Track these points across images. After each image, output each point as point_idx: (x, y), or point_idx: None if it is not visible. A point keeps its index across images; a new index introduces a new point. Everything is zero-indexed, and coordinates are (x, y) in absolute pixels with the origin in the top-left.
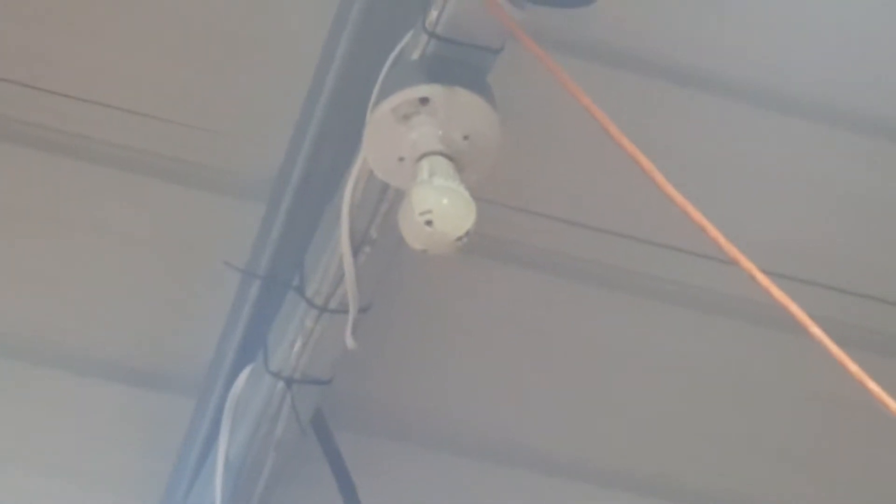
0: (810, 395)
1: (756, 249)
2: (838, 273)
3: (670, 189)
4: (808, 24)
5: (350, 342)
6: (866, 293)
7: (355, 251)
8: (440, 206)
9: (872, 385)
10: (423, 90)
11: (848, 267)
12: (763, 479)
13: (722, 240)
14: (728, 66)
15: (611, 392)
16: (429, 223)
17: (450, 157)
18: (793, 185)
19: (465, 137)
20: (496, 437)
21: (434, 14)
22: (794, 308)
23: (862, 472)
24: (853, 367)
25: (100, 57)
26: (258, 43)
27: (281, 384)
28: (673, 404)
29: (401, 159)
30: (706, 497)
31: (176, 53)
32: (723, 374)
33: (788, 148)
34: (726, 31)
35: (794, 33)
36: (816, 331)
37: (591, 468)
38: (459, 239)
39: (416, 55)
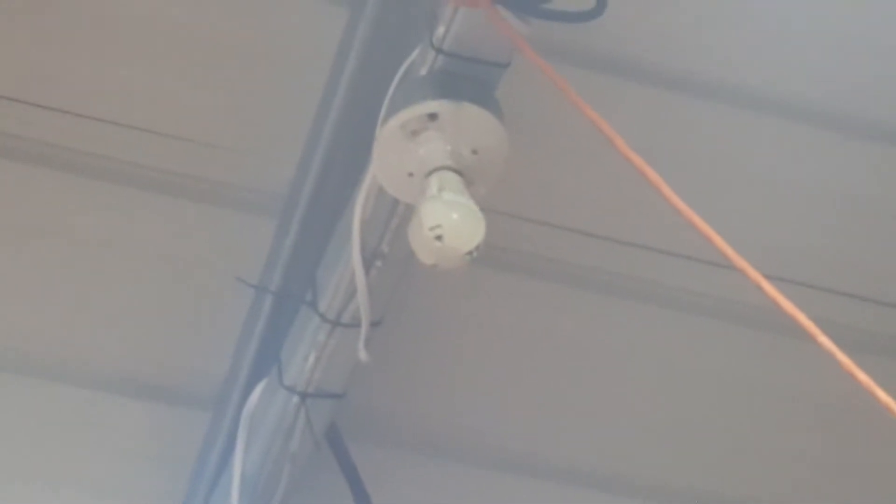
0: (817, 401)
1: (762, 254)
2: (844, 277)
3: (676, 199)
4: (814, 31)
5: (363, 355)
6: (873, 297)
7: (367, 266)
8: (450, 221)
9: (881, 394)
10: (432, 106)
11: (854, 271)
12: (771, 487)
13: (729, 250)
14: (732, 75)
15: (623, 400)
16: (439, 238)
17: (458, 172)
18: (798, 191)
19: (474, 152)
20: (510, 448)
21: (441, 30)
22: (802, 317)
23: (869, 479)
24: (862, 377)
25: (113, 76)
26: (268, 60)
27: (295, 398)
28: (681, 412)
29: (410, 175)
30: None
31: (187, 71)
32: (731, 381)
33: (793, 155)
34: (729, 42)
35: (798, 41)
36: (824, 340)
37: (605, 477)
38: (469, 253)
39: (423, 71)
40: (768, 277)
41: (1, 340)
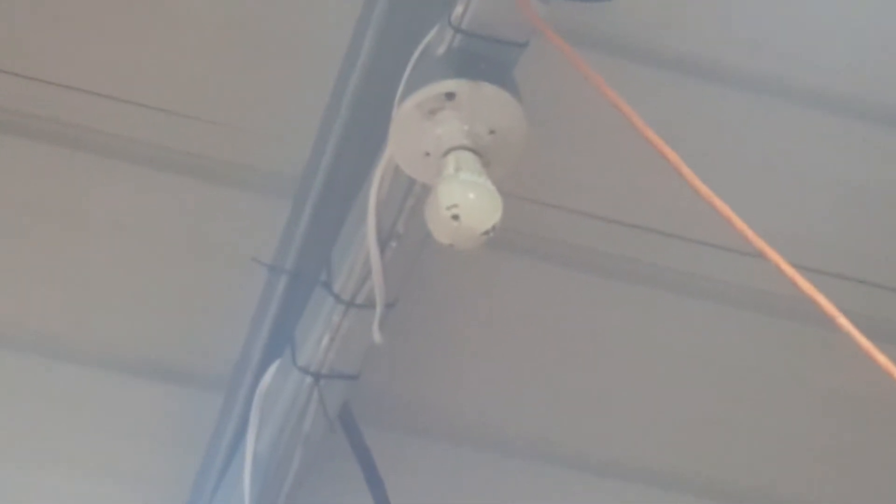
0: (836, 388)
1: (781, 242)
2: (862, 265)
3: (697, 182)
4: (833, 18)
5: (377, 337)
6: (891, 286)
7: (382, 246)
8: (467, 201)
9: None
10: (449, 85)
11: (872, 259)
12: (790, 474)
13: (749, 232)
14: (752, 60)
15: (638, 387)
16: (455, 217)
17: (476, 152)
18: (817, 178)
19: (491, 132)
20: (523, 432)
21: (459, 9)
22: (821, 299)
23: (890, 467)
24: (881, 359)
25: (128, 55)
26: (283, 39)
27: (309, 379)
28: (700, 399)
29: (427, 154)
30: (735, 493)
31: (202, 51)
32: (749, 368)
33: (813, 141)
34: (748, 26)
35: (817, 27)
36: (843, 322)
37: (618, 464)
38: (486, 233)
39: (441, 50)
40: (787, 264)
41: (13, 321)
